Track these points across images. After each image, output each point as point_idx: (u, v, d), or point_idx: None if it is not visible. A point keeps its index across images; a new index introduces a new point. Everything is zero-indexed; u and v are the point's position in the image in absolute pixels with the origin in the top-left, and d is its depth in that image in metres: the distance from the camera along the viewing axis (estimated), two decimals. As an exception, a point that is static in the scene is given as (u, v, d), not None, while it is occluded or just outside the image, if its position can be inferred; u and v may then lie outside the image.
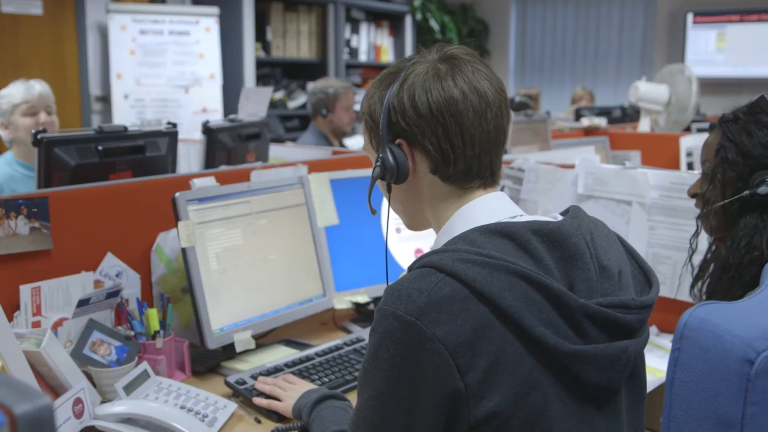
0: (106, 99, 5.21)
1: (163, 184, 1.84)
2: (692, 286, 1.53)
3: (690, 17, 7.16)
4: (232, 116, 2.48)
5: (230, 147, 2.32)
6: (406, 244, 2.14)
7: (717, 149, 1.43)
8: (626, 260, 1.11)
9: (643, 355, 1.09)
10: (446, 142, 1.05)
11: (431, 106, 1.05)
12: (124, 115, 5.08)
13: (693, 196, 1.52)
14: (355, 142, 4.59)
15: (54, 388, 1.42)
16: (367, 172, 2.15)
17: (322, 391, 1.44)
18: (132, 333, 1.64)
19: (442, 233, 1.11)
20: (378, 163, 1.10)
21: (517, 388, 0.95)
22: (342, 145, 4.28)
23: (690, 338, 0.94)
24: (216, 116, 5.31)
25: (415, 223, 1.19)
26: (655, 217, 1.98)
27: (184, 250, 1.66)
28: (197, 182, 1.71)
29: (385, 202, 1.20)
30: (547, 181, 2.15)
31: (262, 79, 5.84)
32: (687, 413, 0.94)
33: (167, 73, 5.27)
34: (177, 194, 1.66)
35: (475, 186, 1.10)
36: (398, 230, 2.14)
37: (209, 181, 1.73)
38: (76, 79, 5.08)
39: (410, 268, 1.03)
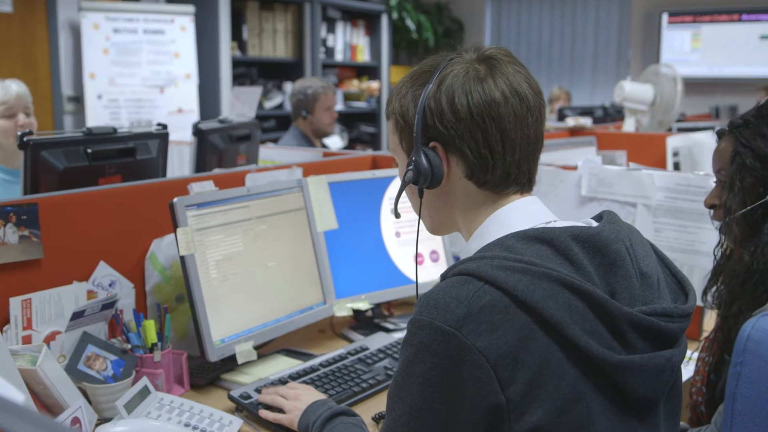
0: (78, 99, 5.06)
1: (157, 189, 1.76)
2: (705, 293, 1.50)
3: (665, 17, 7.21)
4: (222, 117, 2.40)
5: (221, 149, 2.24)
6: (406, 249, 2.08)
7: (732, 156, 1.38)
8: (659, 267, 1.07)
9: (680, 365, 1.05)
10: (485, 147, 1.00)
11: (471, 109, 0.99)
12: (98, 116, 4.94)
13: (711, 207, 1.47)
14: (332, 142, 4.53)
15: (50, 407, 1.34)
16: (366, 174, 2.09)
17: (330, 406, 1.37)
18: (128, 346, 1.55)
19: (474, 239, 1.06)
20: (410, 167, 1.04)
21: (561, 401, 0.91)
22: (323, 146, 4.21)
23: (753, 352, 0.90)
24: (192, 117, 5.19)
25: (440, 228, 1.14)
26: (660, 219, 1.95)
27: (182, 259, 1.58)
28: (196, 186, 1.63)
29: (387, 205, 1.14)
30: (549, 182, 2.10)
31: (238, 79, 5.74)
32: (751, 431, 0.89)
33: (142, 73, 5.14)
34: (175, 200, 1.58)
35: (511, 192, 1.05)
36: (398, 234, 2.08)
37: (208, 186, 1.64)
38: (47, 78, 4.92)
39: (444, 276, 0.98)
